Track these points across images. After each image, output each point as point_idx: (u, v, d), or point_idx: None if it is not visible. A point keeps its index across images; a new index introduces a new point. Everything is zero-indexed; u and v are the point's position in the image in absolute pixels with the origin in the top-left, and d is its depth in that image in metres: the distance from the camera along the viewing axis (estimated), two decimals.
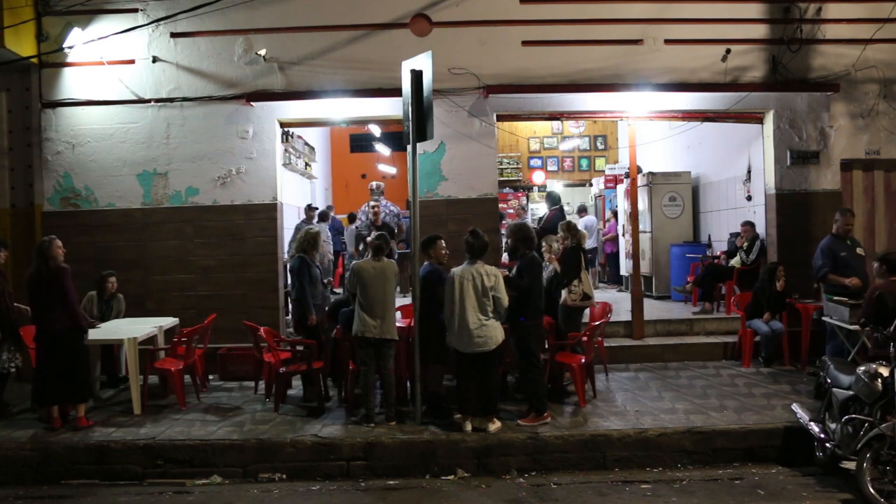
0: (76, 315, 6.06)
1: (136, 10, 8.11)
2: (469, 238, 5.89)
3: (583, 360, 6.50)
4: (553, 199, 9.81)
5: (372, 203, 9.22)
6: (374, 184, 9.82)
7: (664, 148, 10.93)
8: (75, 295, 6.10)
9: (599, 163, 16.12)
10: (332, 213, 12.85)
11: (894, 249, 7.20)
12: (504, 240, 7.47)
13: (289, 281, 8.05)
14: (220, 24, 8.04)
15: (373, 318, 5.95)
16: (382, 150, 15.24)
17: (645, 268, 10.64)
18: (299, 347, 6.68)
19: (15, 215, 8.27)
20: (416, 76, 5.88)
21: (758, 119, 8.64)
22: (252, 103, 8.04)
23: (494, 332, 5.73)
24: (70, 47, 8.01)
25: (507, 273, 6.22)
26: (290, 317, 8.33)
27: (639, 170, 9.88)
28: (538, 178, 16.12)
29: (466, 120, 8.14)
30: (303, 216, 11.26)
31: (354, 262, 6.19)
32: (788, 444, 5.57)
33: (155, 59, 8.11)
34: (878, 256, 6.33)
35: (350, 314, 6.29)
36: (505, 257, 9.43)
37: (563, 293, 6.82)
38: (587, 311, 7.37)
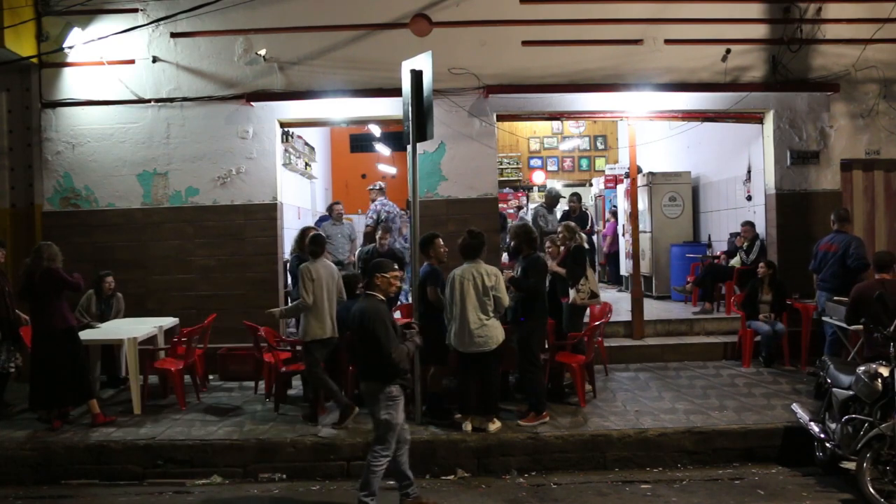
0: (67, 315, 6.11)
1: (136, 10, 8.10)
2: (464, 237, 5.87)
3: (583, 360, 6.50)
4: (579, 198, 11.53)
5: (379, 234, 8.49)
6: (377, 184, 9.89)
7: (664, 148, 10.92)
8: (66, 296, 6.17)
9: (599, 163, 16.10)
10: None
11: (883, 251, 7.19)
12: (507, 240, 7.45)
13: (289, 281, 8.05)
14: (220, 24, 8.04)
15: None
16: (382, 150, 15.23)
17: (645, 268, 10.64)
18: (299, 347, 6.68)
19: (15, 215, 8.26)
20: (416, 76, 5.87)
21: (758, 119, 8.64)
22: (252, 103, 8.04)
23: (495, 332, 5.73)
24: (70, 47, 8.01)
25: (512, 273, 6.20)
26: None
27: (639, 170, 9.89)
28: (538, 178, 16.11)
29: (466, 120, 8.13)
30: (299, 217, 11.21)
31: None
32: (788, 444, 5.57)
33: (155, 59, 8.11)
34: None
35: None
36: (505, 257, 9.46)
37: (572, 293, 6.80)
38: (587, 310, 7.37)
